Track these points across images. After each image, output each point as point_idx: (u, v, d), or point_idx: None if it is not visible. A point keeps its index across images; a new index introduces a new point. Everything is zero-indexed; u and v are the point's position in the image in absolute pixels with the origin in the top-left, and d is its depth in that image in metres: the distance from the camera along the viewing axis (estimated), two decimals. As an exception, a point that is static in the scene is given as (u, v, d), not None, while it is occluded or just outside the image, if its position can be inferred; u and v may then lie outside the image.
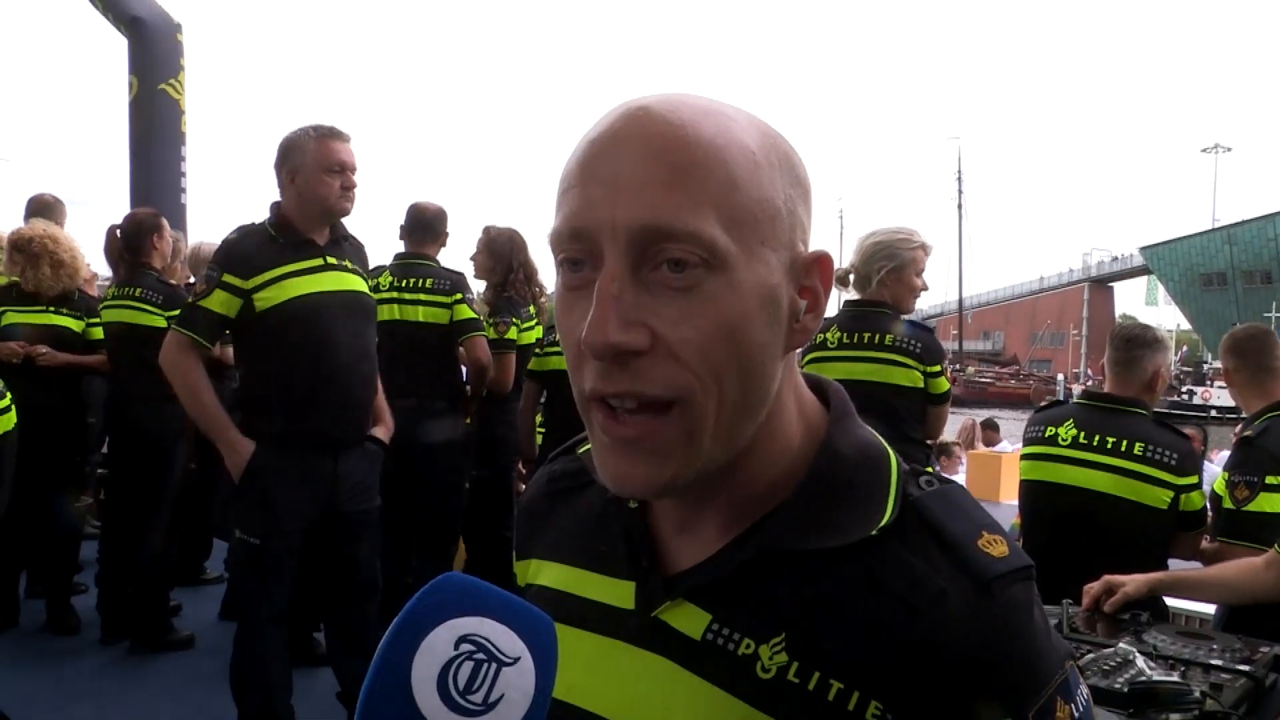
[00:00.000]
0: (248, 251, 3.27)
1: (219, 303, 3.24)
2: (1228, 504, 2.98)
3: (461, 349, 4.63)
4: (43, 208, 5.69)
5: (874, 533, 0.75)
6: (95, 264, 5.75)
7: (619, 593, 0.83)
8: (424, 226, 4.71)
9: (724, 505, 0.79)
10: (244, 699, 3.45)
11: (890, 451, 0.82)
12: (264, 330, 3.27)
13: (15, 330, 4.80)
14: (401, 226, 4.76)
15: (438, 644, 0.61)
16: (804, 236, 0.76)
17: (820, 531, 0.75)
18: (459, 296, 4.53)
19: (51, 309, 4.91)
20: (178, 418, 4.78)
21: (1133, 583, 2.51)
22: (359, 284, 3.47)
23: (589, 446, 0.84)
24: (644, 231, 0.68)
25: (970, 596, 0.71)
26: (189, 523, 5.35)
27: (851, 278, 3.68)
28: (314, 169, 3.27)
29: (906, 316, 3.69)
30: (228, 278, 3.23)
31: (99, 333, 5.00)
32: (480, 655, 0.62)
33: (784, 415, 0.79)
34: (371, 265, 3.93)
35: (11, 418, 3.50)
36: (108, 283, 5.23)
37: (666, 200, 0.68)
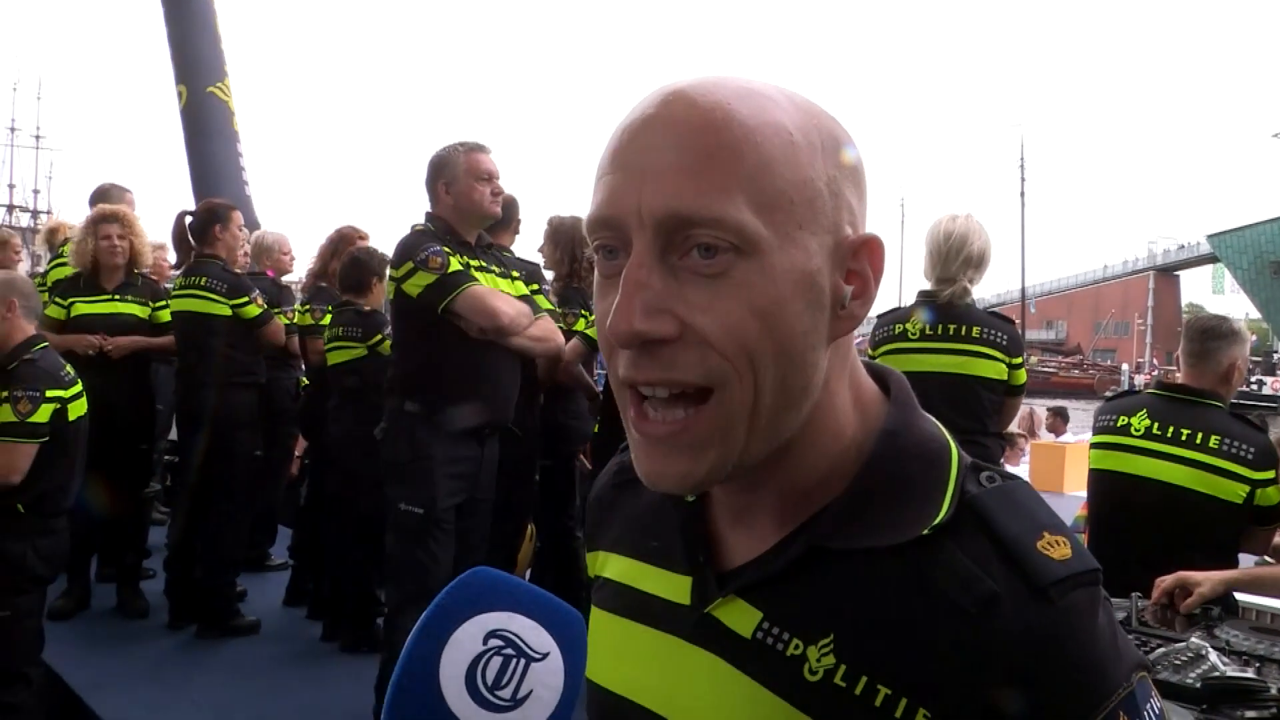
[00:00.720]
0: (434, 240, 3.50)
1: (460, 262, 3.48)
2: None
3: None
4: (104, 196, 5.81)
5: (926, 532, 0.71)
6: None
7: (676, 587, 0.82)
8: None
9: (776, 497, 0.77)
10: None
11: (953, 445, 0.78)
12: (437, 316, 3.46)
13: (85, 321, 4.89)
14: None
15: (466, 639, 0.61)
16: (852, 219, 0.73)
17: (873, 529, 0.73)
18: (535, 287, 4.54)
19: (117, 297, 5.00)
20: (244, 405, 4.90)
21: (1209, 583, 2.44)
22: (504, 285, 3.68)
23: None
24: (669, 218, 0.67)
25: (1025, 601, 0.67)
26: (254, 509, 5.44)
27: (971, 285, 3.57)
28: (466, 179, 3.55)
29: (985, 308, 3.64)
30: (445, 249, 3.46)
31: (165, 315, 5.09)
32: (509, 650, 0.61)
33: (836, 405, 0.76)
34: None
35: (82, 404, 3.59)
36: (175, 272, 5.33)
37: (692, 186, 0.66)
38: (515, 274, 3.89)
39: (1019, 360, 3.56)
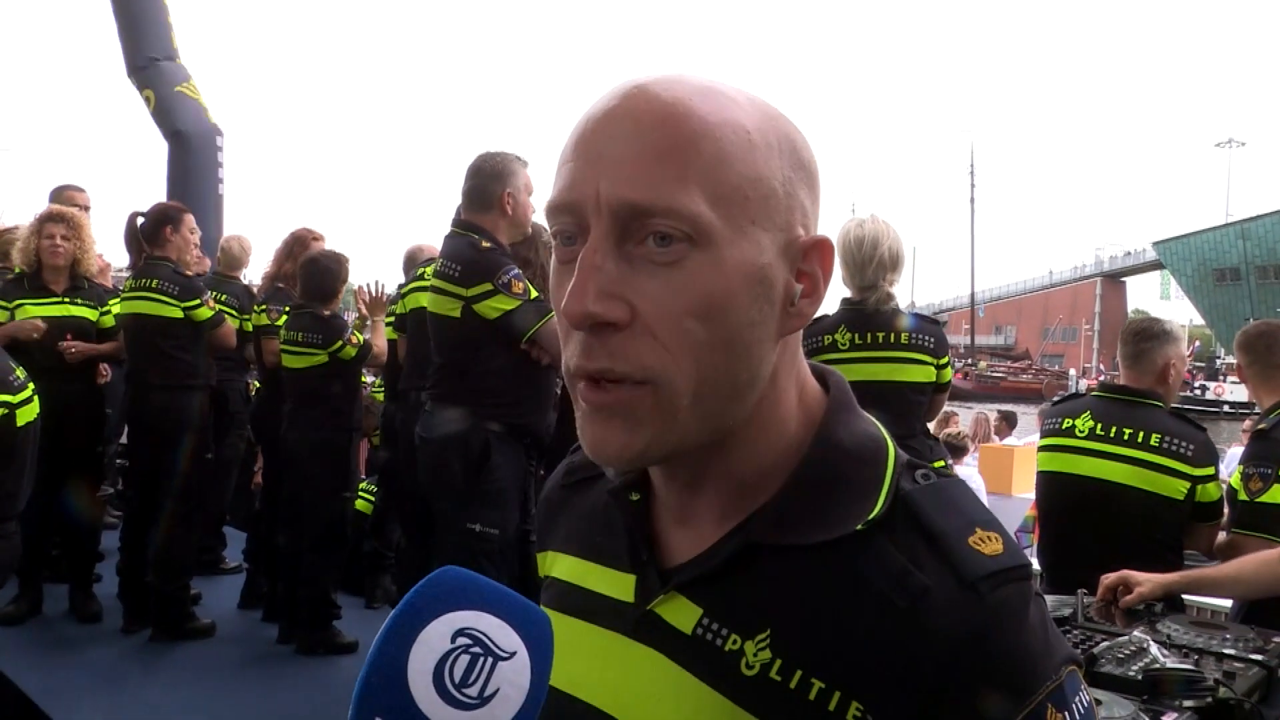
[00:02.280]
0: (507, 259, 3.48)
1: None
2: (1242, 496, 3.00)
3: None
4: (56, 197, 5.74)
5: (860, 527, 0.73)
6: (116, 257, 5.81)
7: (621, 585, 0.83)
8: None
9: (718, 494, 0.78)
10: None
11: (890, 444, 0.79)
12: (510, 338, 3.42)
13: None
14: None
15: (434, 637, 0.61)
16: (805, 220, 0.75)
17: (808, 526, 0.74)
18: None
19: (66, 300, 4.95)
20: (194, 408, 4.84)
21: (1149, 584, 2.51)
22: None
23: None
24: (626, 206, 0.68)
25: (954, 595, 0.69)
26: (205, 512, 5.38)
27: (891, 287, 3.57)
28: (524, 194, 3.56)
29: (913, 311, 3.68)
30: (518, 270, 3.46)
31: (110, 320, 5.06)
32: (476, 649, 0.62)
33: (781, 402, 0.78)
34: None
35: (34, 408, 3.52)
36: (124, 273, 5.27)
37: (650, 175, 0.68)
38: None
39: (946, 360, 3.61)
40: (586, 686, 0.82)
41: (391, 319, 4.84)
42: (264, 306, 5.23)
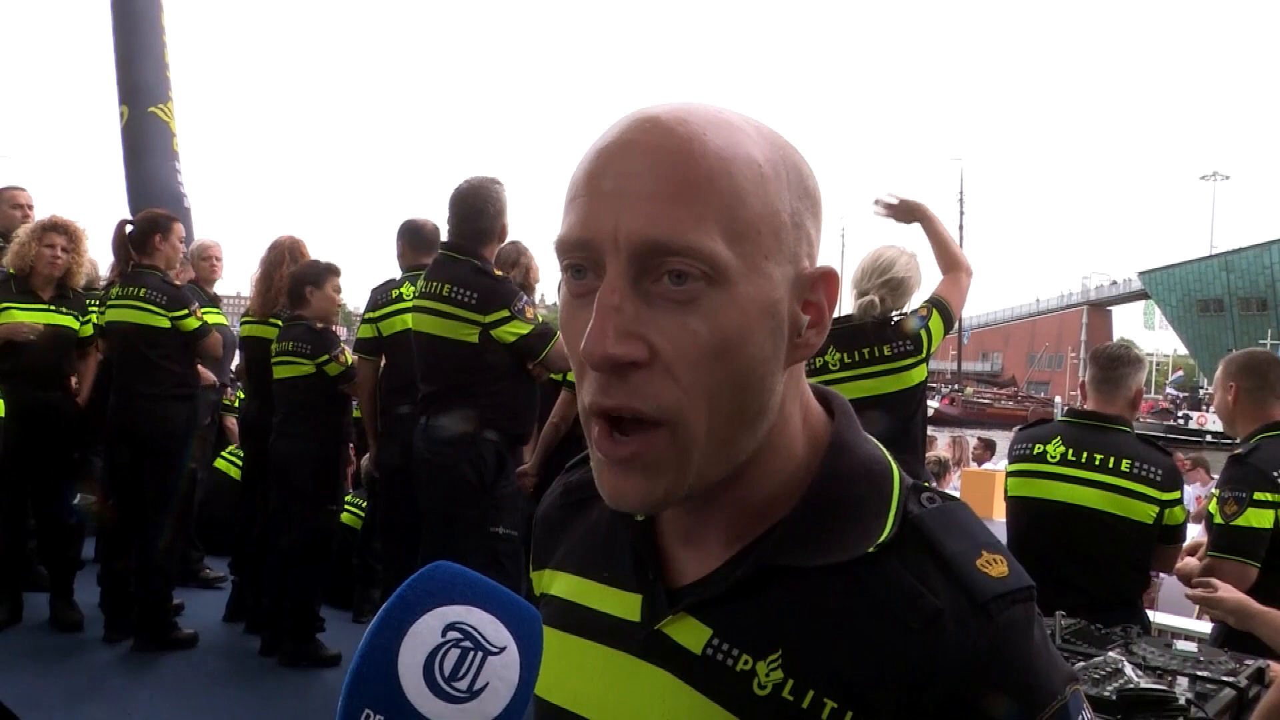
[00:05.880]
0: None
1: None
2: (1218, 519, 3.03)
3: None
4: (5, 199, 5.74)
5: (871, 550, 0.74)
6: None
7: (626, 605, 0.83)
8: (424, 242, 4.73)
9: (727, 516, 0.78)
10: None
11: (894, 466, 0.80)
12: (517, 359, 3.76)
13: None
14: (404, 243, 4.80)
15: (425, 630, 0.62)
16: (810, 250, 0.75)
17: (819, 548, 0.75)
18: None
19: (51, 307, 4.93)
20: (180, 417, 4.82)
21: (1232, 601, 2.47)
22: None
23: None
24: (646, 244, 0.68)
25: (967, 617, 0.70)
26: (187, 522, 5.35)
27: (882, 304, 3.52)
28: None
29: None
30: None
31: (89, 330, 5.08)
32: (467, 643, 0.63)
33: (788, 427, 0.78)
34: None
35: None
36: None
37: (669, 214, 0.68)
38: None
39: (923, 355, 3.47)
40: (589, 704, 0.82)
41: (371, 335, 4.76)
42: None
